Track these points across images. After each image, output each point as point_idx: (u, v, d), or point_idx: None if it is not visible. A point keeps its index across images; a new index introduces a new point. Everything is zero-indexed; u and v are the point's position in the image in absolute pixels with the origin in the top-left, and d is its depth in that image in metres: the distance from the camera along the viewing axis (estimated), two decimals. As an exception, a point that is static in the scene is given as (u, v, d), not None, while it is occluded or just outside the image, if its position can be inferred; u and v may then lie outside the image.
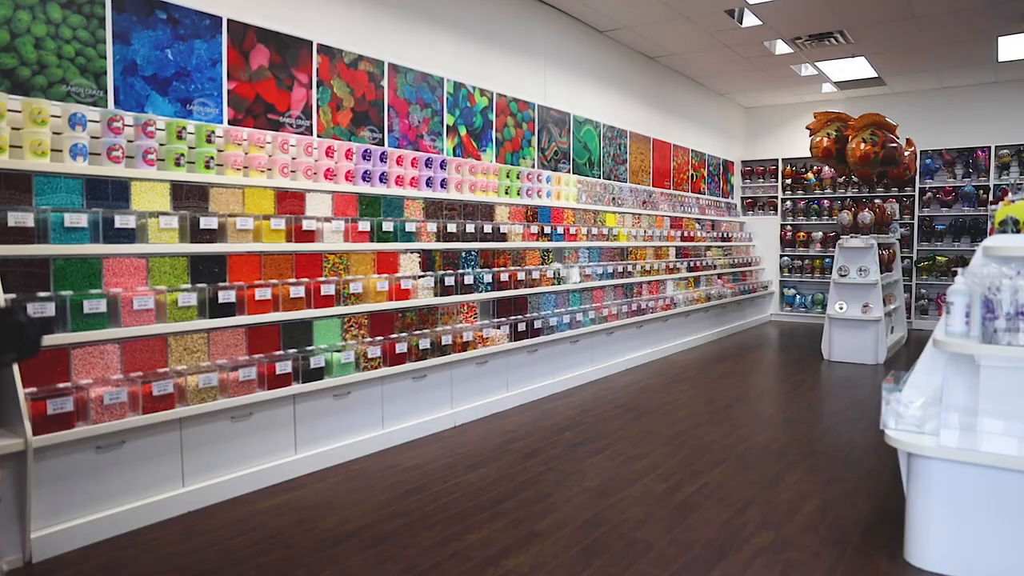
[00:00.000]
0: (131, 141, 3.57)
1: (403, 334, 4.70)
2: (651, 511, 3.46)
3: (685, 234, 8.93)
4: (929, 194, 10.35)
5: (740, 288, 10.10)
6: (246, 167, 4.13)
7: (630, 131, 8.58)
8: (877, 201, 8.32)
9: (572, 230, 6.58)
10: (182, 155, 3.74)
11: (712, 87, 10.63)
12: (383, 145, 5.24)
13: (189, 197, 3.72)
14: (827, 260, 11.09)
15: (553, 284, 6.18)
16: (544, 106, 7.03)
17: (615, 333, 7.04)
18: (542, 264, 6.21)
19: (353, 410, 4.31)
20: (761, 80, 10.12)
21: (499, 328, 5.41)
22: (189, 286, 3.59)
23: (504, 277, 5.58)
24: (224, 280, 3.79)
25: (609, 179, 8.15)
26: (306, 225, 4.21)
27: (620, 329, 7.12)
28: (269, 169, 4.25)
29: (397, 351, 4.51)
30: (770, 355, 8.19)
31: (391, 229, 4.74)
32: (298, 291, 4.05)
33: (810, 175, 11.33)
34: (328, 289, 4.22)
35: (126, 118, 3.54)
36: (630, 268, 7.42)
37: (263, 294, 3.87)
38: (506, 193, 5.99)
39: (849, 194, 10.94)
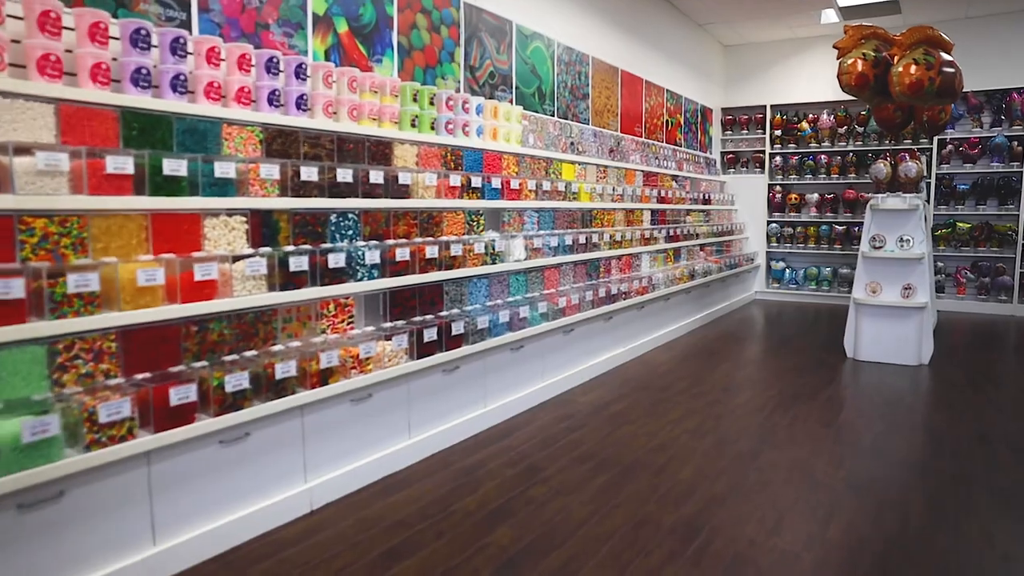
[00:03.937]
0: None
1: (197, 365, 2.58)
2: None
3: (661, 194, 6.93)
4: (950, 147, 8.54)
5: (725, 262, 8.19)
6: None
7: (593, 57, 6.49)
8: (895, 154, 6.43)
9: (515, 184, 4.50)
10: None
11: (691, 14, 8.59)
12: (188, 30, 3.06)
13: None
14: (823, 227, 9.28)
15: (485, 263, 4.12)
16: (475, 6, 4.88)
17: (575, 331, 5.03)
18: (468, 233, 4.13)
19: (76, 526, 2.20)
20: (751, 4, 8.11)
21: (390, 339, 3.32)
22: None
23: (402, 255, 3.48)
24: None
25: (566, 118, 6.07)
26: (-33, 158, 2.05)
27: (582, 324, 5.11)
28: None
29: (174, 401, 2.39)
30: (774, 352, 6.29)
31: (182, 172, 2.59)
32: (-82, 295, 1.90)
33: (804, 125, 9.42)
34: (10, 288, 2.08)
35: None
36: (595, 238, 5.39)
37: None
38: (413, 126, 3.87)
39: (851, 147, 9.10)
